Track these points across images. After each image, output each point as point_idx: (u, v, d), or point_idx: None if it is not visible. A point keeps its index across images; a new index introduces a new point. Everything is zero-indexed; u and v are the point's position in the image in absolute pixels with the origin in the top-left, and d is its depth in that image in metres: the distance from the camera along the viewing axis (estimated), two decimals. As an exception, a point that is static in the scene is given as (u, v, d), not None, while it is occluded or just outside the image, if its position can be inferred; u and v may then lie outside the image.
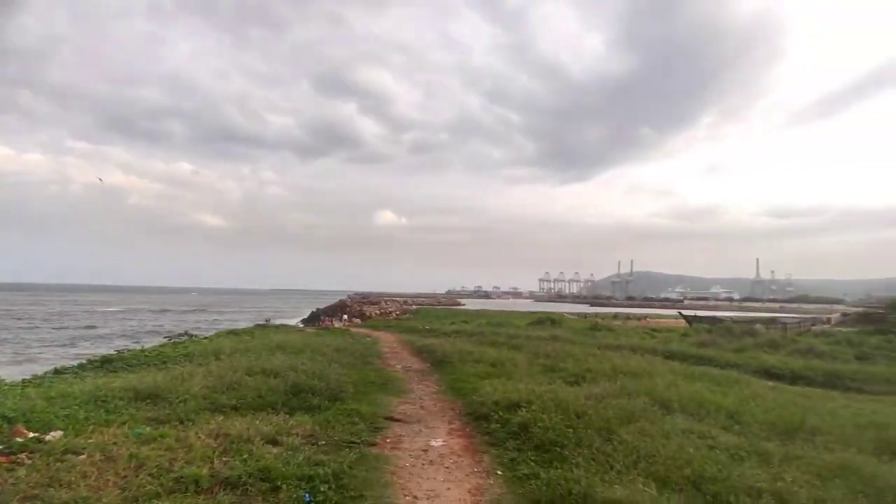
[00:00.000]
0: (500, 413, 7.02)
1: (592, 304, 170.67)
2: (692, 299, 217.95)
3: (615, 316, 76.35)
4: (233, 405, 7.12)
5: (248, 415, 6.65)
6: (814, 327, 47.11)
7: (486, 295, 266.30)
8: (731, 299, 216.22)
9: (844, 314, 68.30)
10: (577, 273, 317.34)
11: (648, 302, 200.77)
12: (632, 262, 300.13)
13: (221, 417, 6.43)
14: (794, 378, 12.79)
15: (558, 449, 5.54)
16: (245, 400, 7.35)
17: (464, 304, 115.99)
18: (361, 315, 49.24)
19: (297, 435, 5.96)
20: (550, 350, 14.22)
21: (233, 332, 19.98)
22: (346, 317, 43.52)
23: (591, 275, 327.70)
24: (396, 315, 50.49)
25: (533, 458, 5.51)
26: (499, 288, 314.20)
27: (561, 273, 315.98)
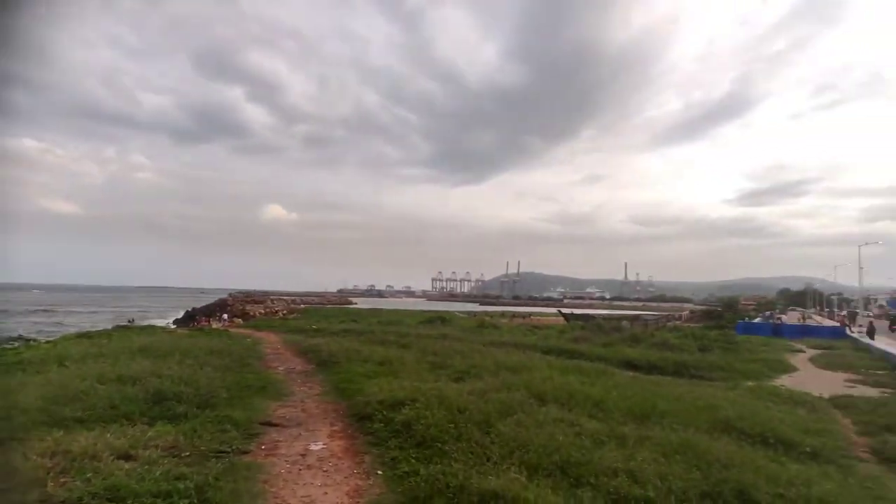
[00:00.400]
0: (385, 412, 6.97)
1: (482, 303, 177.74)
2: (571, 298, 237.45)
3: (502, 314, 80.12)
4: (78, 418, 6.23)
5: (97, 428, 5.86)
6: (668, 323, 53.78)
7: (379, 294, 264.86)
8: (603, 298, 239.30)
9: (692, 312, 78.85)
10: (468, 273, 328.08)
11: (533, 301, 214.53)
12: (518, 263, 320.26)
13: (62, 432, 5.58)
14: (651, 368, 14.41)
15: (439, 444, 5.63)
16: (94, 411, 6.47)
17: (355, 304, 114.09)
18: (244, 315, 46.41)
19: (157, 447, 5.37)
20: (439, 348, 14.47)
21: (84, 335, 17.52)
22: (226, 317, 40.53)
23: (482, 275, 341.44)
24: (283, 314, 48.71)
25: (414, 455, 5.54)
26: (392, 287, 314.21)
27: (453, 273, 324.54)
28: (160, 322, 37.99)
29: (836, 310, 73.25)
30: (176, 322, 40.57)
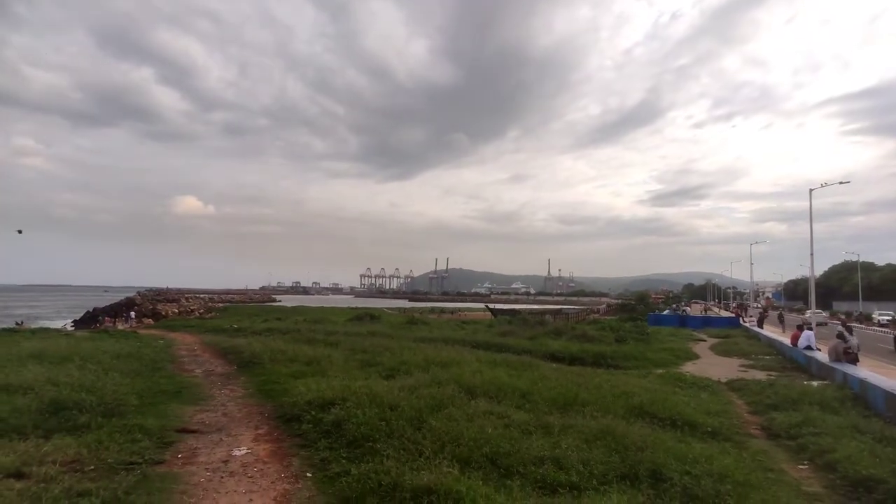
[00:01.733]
0: (313, 413, 6.79)
1: (411, 300, 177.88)
2: (498, 294, 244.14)
3: (431, 310, 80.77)
4: (-47, 436, 5.49)
5: (-20, 445, 5.20)
6: (588, 317, 56.74)
7: (305, 291, 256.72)
8: (528, 294, 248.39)
9: (609, 305, 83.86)
10: (397, 269, 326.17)
11: (461, 297, 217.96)
12: (447, 259, 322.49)
13: (-68, 453, 4.90)
14: (573, 360, 15.16)
15: (371, 443, 5.57)
16: (-25, 427, 5.74)
17: (280, 301, 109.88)
18: (155, 314, 43.37)
19: (55, 463, 4.87)
20: (368, 345, 14.35)
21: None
22: (133, 316, 37.53)
23: (411, 271, 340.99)
24: (200, 314, 46.66)
25: (345, 455, 5.44)
26: (319, 284, 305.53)
27: (382, 269, 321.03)
28: (56, 324, 34.54)
29: (731, 302, 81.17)
30: (75, 323, 36.94)
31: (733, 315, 46.24)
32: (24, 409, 6.37)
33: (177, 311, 48.18)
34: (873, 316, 45.93)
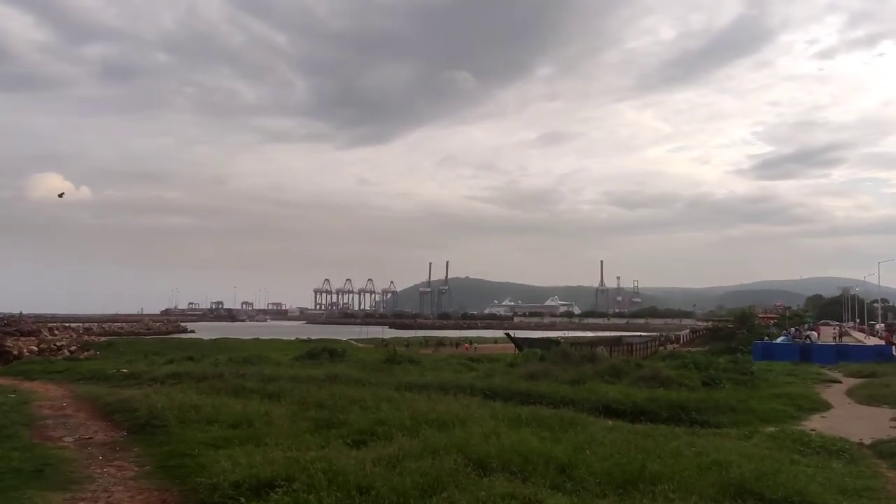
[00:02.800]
0: (244, 500, 6.82)
1: (393, 326, 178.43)
2: (524, 315, 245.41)
3: (424, 341, 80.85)
4: None
5: None
6: (661, 348, 56.94)
7: (231, 316, 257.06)
8: (570, 314, 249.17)
9: (694, 330, 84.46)
10: (370, 281, 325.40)
11: (469, 320, 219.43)
12: (447, 264, 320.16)
13: None
14: (637, 413, 15.25)
15: (330, 545, 5.60)
16: None
17: (192, 332, 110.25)
18: (2, 354, 43.41)
19: None
20: (327, 397, 14.42)
21: None
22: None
23: (392, 283, 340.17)
24: (71, 352, 47.42)
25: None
26: (251, 305, 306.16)
27: (348, 281, 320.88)
28: None
29: (880, 323, 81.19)
30: None
31: (884, 342, 46.39)
32: None
33: (35, 348, 48.33)
34: None
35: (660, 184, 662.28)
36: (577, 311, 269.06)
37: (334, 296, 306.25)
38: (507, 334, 59.09)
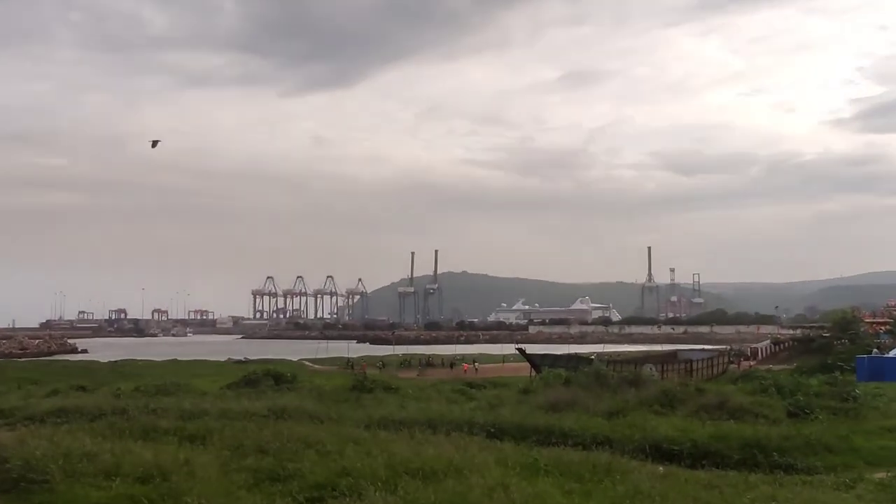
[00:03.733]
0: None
1: (363, 340, 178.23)
2: (543, 323, 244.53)
3: (405, 361, 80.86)
4: None
5: None
6: (732, 366, 56.92)
7: (138, 329, 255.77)
8: (606, 321, 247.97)
9: (776, 341, 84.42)
10: (330, 279, 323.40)
11: (466, 332, 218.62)
12: (436, 255, 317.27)
13: None
14: (698, 456, 15.28)
15: None
16: None
17: (84, 351, 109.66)
18: None
19: None
20: (271, 438, 14.38)
21: None
22: None
23: (360, 282, 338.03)
24: None
25: None
26: (165, 314, 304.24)
27: (299, 279, 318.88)
28: None
29: None
30: None
31: None
32: None
33: None
34: None
35: (728, 140, 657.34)
36: (615, 316, 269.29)
37: (281, 300, 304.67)
38: (520, 350, 58.83)
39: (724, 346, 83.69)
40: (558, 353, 61.34)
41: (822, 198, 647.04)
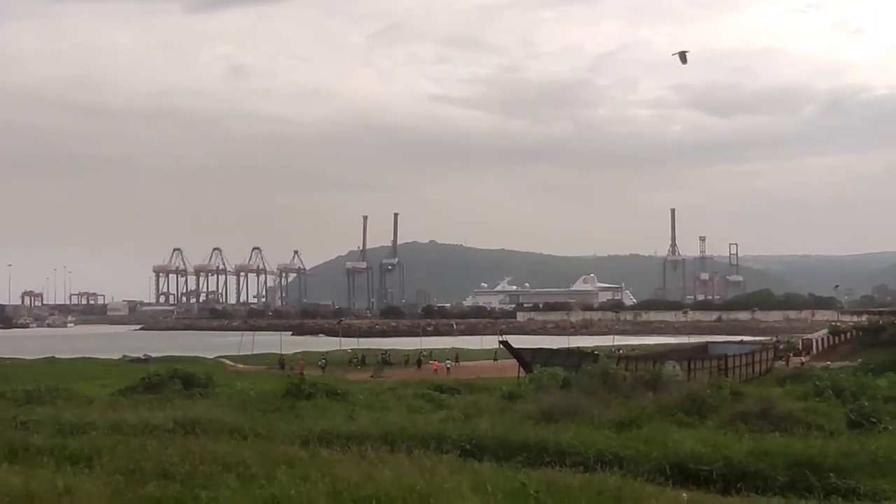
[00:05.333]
0: None
1: (300, 331, 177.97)
2: (534, 309, 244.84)
3: (356, 358, 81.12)
4: None
5: None
6: (778, 362, 57.36)
7: (3, 318, 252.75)
8: (618, 305, 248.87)
9: (835, 331, 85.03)
10: (257, 252, 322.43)
11: (436, 319, 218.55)
12: (396, 219, 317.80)
13: None
14: (733, 478, 15.37)
15: None
16: None
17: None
18: None
19: None
20: (178, 459, 14.38)
21: None
22: None
23: (296, 256, 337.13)
24: None
25: None
26: (40, 297, 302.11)
27: (216, 252, 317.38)
28: None
29: None
30: None
31: None
32: None
33: None
34: None
35: (776, 71, 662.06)
36: (629, 299, 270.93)
37: (192, 279, 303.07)
38: (505, 343, 58.85)
39: (768, 338, 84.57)
40: (555, 347, 61.60)
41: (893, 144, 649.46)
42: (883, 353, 49.41)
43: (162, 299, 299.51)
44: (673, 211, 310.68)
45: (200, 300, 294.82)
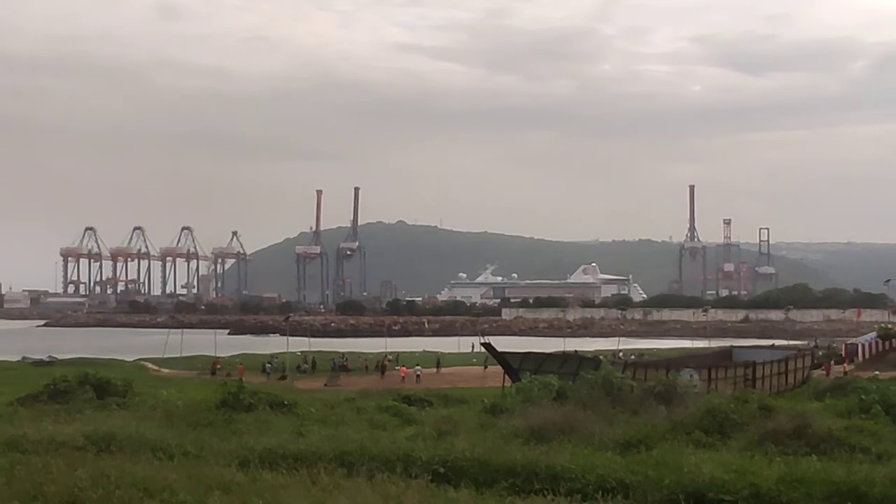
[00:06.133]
0: None
1: (239, 329, 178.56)
2: (524, 304, 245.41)
3: (307, 362, 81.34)
4: None
5: None
6: (818, 371, 57.67)
7: None
8: (625, 301, 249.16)
9: (886, 333, 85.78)
10: (187, 232, 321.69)
11: (403, 317, 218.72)
12: (356, 195, 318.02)
13: None
14: (762, 512, 15.46)
15: None
16: None
17: None
18: None
19: None
20: (89, 483, 14.35)
21: None
22: None
23: (236, 238, 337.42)
24: None
25: None
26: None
27: (136, 232, 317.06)
28: None
29: None
30: None
31: None
32: None
33: None
34: None
35: (816, 21, 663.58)
36: (638, 294, 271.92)
37: (108, 265, 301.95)
38: (487, 345, 58.87)
39: (805, 342, 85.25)
40: (548, 350, 61.86)
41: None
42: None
43: (71, 289, 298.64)
44: (692, 188, 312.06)
45: (118, 291, 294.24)
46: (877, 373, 54.51)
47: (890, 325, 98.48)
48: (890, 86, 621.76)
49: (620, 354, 68.78)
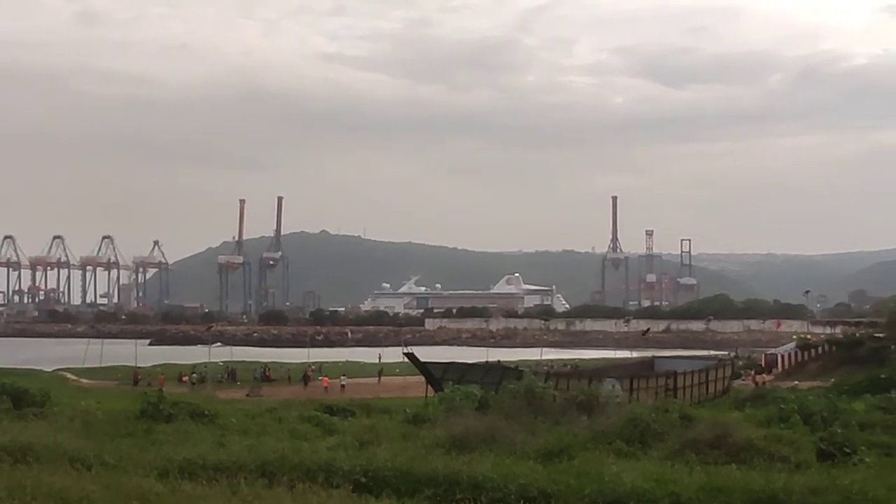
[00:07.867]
0: None
1: (160, 339, 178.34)
2: (447, 315, 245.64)
3: (227, 372, 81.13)
4: None
5: None
6: (738, 381, 58.23)
7: None
8: (548, 312, 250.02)
9: (805, 345, 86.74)
10: (108, 241, 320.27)
11: (326, 327, 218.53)
12: (280, 204, 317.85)
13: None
14: (683, 520, 15.55)
15: None
16: None
17: None
18: None
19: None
20: (4, 494, 14.20)
21: None
22: None
23: (157, 248, 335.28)
24: None
25: None
26: None
27: (56, 241, 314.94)
28: None
29: None
30: None
31: None
32: None
33: None
34: None
35: (737, 34, 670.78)
36: (561, 304, 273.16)
37: (26, 273, 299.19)
38: (410, 356, 59.00)
39: (725, 352, 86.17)
40: (470, 361, 61.97)
41: (878, 123, 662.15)
42: (859, 371, 50.59)
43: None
44: (614, 199, 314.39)
45: (37, 300, 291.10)
46: (796, 383, 55.19)
47: (809, 336, 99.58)
48: (808, 99, 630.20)
49: (543, 365, 69.16)
